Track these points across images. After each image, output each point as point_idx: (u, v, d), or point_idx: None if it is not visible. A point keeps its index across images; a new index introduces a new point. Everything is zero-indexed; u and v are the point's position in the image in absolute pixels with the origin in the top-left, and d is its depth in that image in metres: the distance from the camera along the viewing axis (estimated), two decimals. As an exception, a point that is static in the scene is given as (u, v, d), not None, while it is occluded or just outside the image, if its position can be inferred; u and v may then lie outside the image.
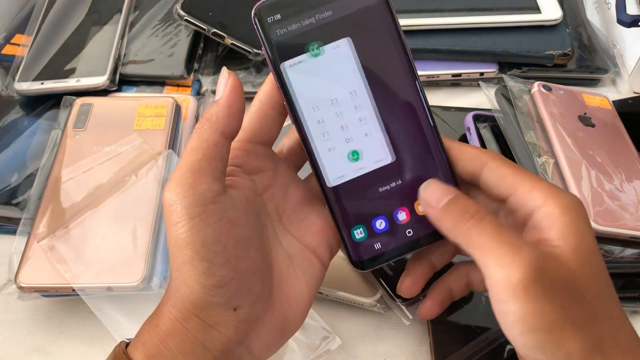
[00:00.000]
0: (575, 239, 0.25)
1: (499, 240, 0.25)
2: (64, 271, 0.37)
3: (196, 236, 0.25)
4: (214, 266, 0.25)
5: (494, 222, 0.26)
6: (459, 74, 0.54)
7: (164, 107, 0.47)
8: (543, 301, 0.23)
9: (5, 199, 0.45)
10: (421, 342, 0.39)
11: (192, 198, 0.25)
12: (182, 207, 0.25)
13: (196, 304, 0.25)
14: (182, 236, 0.25)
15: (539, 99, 0.46)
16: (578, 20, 0.58)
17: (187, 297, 0.25)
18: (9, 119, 0.50)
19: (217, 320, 0.26)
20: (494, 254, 0.25)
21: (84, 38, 0.54)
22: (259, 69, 0.53)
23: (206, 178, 0.25)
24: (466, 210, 0.26)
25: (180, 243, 0.25)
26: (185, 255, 0.25)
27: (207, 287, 0.25)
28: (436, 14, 0.54)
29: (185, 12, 0.51)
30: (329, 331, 0.38)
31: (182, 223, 0.25)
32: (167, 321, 0.26)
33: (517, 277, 0.23)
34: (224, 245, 0.25)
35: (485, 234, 0.25)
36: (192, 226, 0.25)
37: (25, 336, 0.40)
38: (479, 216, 0.26)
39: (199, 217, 0.25)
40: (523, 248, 0.24)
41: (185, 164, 0.26)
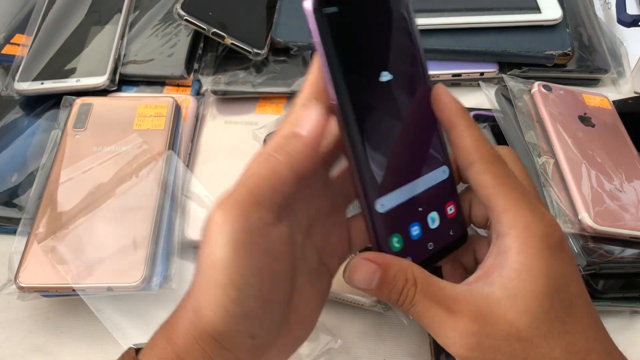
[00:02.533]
0: (519, 283, 0.25)
1: (430, 321, 0.25)
2: (64, 271, 0.37)
3: (236, 264, 0.23)
4: (245, 297, 0.24)
5: (424, 300, 0.25)
6: (459, 74, 0.54)
7: (164, 107, 0.47)
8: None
9: (5, 199, 0.45)
10: (421, 342, 0.39)
11: (244, 225, 0.23)
12: (230, 230, 0.23)
13: (217, 328, 0.24)
14: (222, 260, 0.23)
15: (539, 99, 0.46)
16: (578, 20, 0.58)
17: (208, 319, 0.24)
18: (9, 119, 0.50)
19: (234, 345, 0.25)
20: (434, 332, 0.25)
21: (83, 38, 0.54)
22: (259, 69, 0.53)
23: (262, 208, 0.24)
24: (398, 289, 0.26)
25: (217, 265, 0.23)
26: (218, 279, 0.24)
27: (232, 316, 0.24)
28: (436, 14, 0.54)
29: (185, 12, 0.51)
30: (330, 332, 0.38)
31: (226, 247, 0.23)
32: (184, 337, 0.25)
33: (456, 353, 0.25)
34: (261, 279, 0.24)
35: (421, 313, 0.25)
36: (236, 254, 0.23)
37: (25, 336, 0.39)
38: (408, 297, 0.25)
39: (245, 247, 0.24)
40: (456, 323, 0.25)
41: (246, 188, 0.24)
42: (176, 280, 0.39)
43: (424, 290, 0.25)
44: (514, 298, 0.24)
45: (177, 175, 0.43)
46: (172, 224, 0.41)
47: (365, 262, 0.26)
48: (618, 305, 0.40)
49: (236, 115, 0.52)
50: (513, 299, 0.24)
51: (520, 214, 0.25)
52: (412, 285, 0.25)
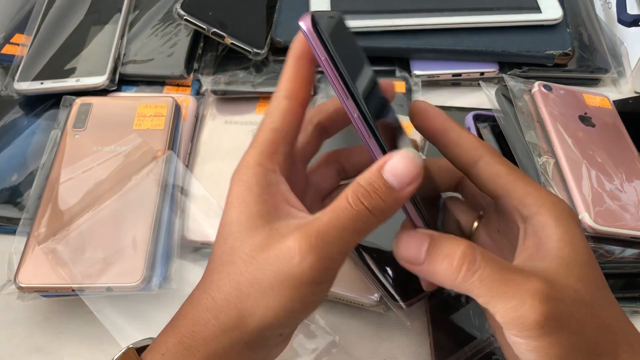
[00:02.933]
0: (570, 253, 0.25)
1: (502, 283, 0.23)
2: (64, 272, 0.37)
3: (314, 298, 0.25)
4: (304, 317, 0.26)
5: (490, 262, 0.24)
6: (459, 74, 0.54)
7: (163, 106, 0.47)
8: (559, 332, 0.23)
9: (4, 199, 0.45)
10: (421, 342, 0.39)
11: (331, 273, 0.25)
12: (317, 275, 0.24)
13: (259, 332, 0.25)
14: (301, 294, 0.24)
15: (540, 98, 0.46)
16: (579, 20, 0.58)
17: (253, 324, 0.24)
18: (9, 118, 0.50)
19: (261, 346, 0.25)
20: (501, 299, 0.23)
21: (83, 38, 0.54)
22: (258, 69, 0.53)
23: (349, 251, 0.26)
24: (452, 257, 0.24)
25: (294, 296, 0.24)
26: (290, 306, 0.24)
27: (283, 327, 0.25)
28: (436, 14, 0.54)
29: (185, 12, 0.51)
30: (330, 332, 0.38)
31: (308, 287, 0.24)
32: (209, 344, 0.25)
33: (532, 319, 0.23)
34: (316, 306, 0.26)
35: (485, 278, 0.23)
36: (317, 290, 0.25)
37: (25, 336, 0.39)
38: (469, 261, 0.24)
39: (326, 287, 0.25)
40: (529, 284, 0.23)
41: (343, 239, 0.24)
42: (176, 280, 0.39)
43: (488, 257, 0.24)
44: (568, 267, 0.24)
45: (176, 176, 0.43)
46: (172, 224, 0.41)
47: (413, 232, 0.26)
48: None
49: (236, 115, 0.52)
50: (568, 268, 0.24)
51: (544, 193, 0.26)
52: (472, 250, 0.24)
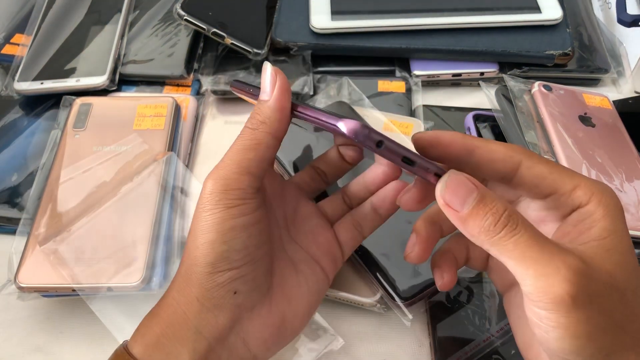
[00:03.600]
0: (613, 240, 0.25)
1: (539, 249, 0.23)
2: (65, 272, 0.37)
3: (227, 222, 0.26)
4: (231, 250, 0.27)
5: (529, 229, 0.23)
6: (459, 74, 0.54)
7: (163, 107, 0.47)
8: (589, 309, 0.23)
9: (5, 199, 0.45)
10: (421, 342, 0.39)
11: (234, 193, 0.27)
12: (221, 197, 0.26)
13: (202, 283, 0.27)
14: (211, 220, 0.26)
15: (539, 98, 0.46)
16: (578, 20, 0.58)
17: (194, 277, 0.27)
18: (9, 119, 0.50)
19: (215, 302, 0.27)
20: (534, 264, 0.23)
21: (83, 38, 0.54)
22: (259, 69, 0.53)
23: (251, 177, 0.27)
24: (495, 214, 0.23)
25: (207, 226, 0.26)
26: (208, 237, 0.26)
27: (217, 267, 0.27)
28: (436, 14, 0.54)
29: (185, 12, 0.51)
30: (331, 332, 0.38)
31: (218, 209, 0.26)
32: (168, 308, 0.28)
33: (562, 287, 0.22)
34: (249, 234, 0.27)
35: (522, 243, 0.23)
36: (227, 213, 0.26)
37: (25, 336, 0.39)
38: (512, 224, 0.23)
39: (237, 208, 0.27)
40: (566, 257, 0.23)
41: (234, 160, 0.27)
42: (176, 280, 0.39)
43: (526, 223, 0.24)
44: (609, 252, 0.24)
45: (177, 176, 0.43)
46: (172, 224, 0.41)
47: (463, 179, 0.24)
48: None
49: (236, 115, 0.52)
50: (609, 253, 0.24)
51: (593, 184, 0.26)
52: (516, 213, 0.24)
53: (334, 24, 0.53)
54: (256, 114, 0.27)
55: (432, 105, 0.52)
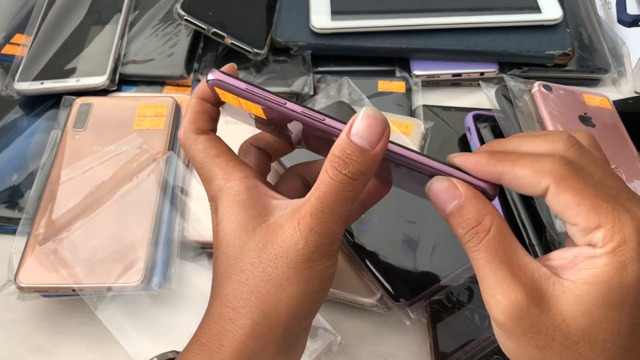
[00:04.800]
0: (593, 291, 0.23)
1: (490, 271, 0.24)
2: (65, 272, 0.37)
3: (327, 271, 0.26)
4: (324, 296, 0.27)
5: (491, 247, 0.24)
6: (459, 74, 0.54)
7: (163, 107, 0.47)
8: (519, 340, 0.24)
9: (5, 199, 0.45)
10: (421, 342, 0.39)
11: (336, 245, 0.26)
12: (325, 250, 0.25)
13: (288, 330, 0.26)
14: (316, 272, 0.25)
15: (540, 98, 0.46)
16: (578, 20, 0.58)
17: (281, 325, 0.25)
18: (9, 119, 0.50)
19: (291, 344, 0.26)
20: (484, 284, 0.24)
21: (83, 38, 0.54)
22: (259, 69, 0.53)
23: (346, 220, 0.26)
24: (466, 226, 0.25)
25: (309, 276, 0.25)
26: (310, 288, 0.25)
27: (310, 314, 0.27)
28: (436, 14, 0.54)
29: (185, 12, 0.51)
30: (331, 332, 0.38)
31: (319, 262, 0.25)
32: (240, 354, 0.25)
33: (495, 315, 0.24)
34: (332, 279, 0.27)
35: (480, 259, 0.24)
36: (328, 263, 0.26)
37: (25, 336, 0.39)
38: (477, 237, 0.24)
39: (334, 258, 0.26)
40: (511, 285, 0.23)
41: (337, 213, 0.25)
42: (176, 280, 0.39)
43: (495, 240, 0.24)
44: (579, 299, 0.23)
45: (177, 176, 0.43)
46: (172, 224, 0.41)
47: (452, 186, 0.25)
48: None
49: (236, 115, 0.52)
50: (578, 299, 0.23)
51: (618, 229, 0.23)
52: (486, 229, 0.24)
53: (334, 24, 0.53)
54: (357, 162, 0.24)
55: (432, 105, 0.52)
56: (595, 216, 0.23)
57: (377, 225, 0.40)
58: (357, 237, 0.40)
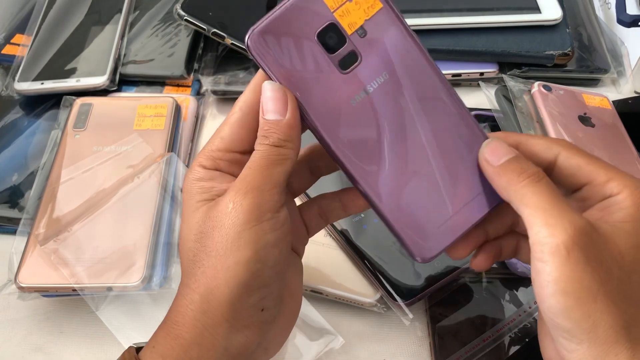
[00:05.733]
0: (634, 226, 0.25)
1: (551, 202, 0.25)
2: (66, 272, 0.37)
3: (262, 239, 0.25)
4: (265, 268, 0.26)
5: (551, 185, 0.26)
6: (459, 74, 0.54)
7: (163, 107, 0.47)
8: (582, 267, 0.23)
9: (5, 199, 0.45)
10: (421, 342, 0.39)
11: (268, 206, 0.26)
12: (255, 212, 0.25)
13: (233, 305, 0.25)
14: (247, 237, 0.25)
15: (539, 99, 0.46)
16: (578, 20, 0.58)
17: (223, 298, 0.25)
18: (9, 119, 0.50)
19: (245, 323, 0.26)
20: (543, 213, 0.24)
21: (84, 38, 0.54)
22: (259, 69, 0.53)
23: (280, 190, 0.26)
24: (524, 169, 0.26)
25: (240, 244, 0.25)
26: (242, 256, 0.25)
27: (250, 287, 0.25)
28: (436, 14, 0.54)
29: (185, 12, 0.51)
30: (332, 332, 0.38)
31: (252, 225, 0.25)
32: (193, 329, 0.26)
33: (561, 238, 0.23)
34: (280, 250, 0.26)
35: (539, 194, 0.25)
36: (261, 229, 0.25)
37: (25, 336, 0.39)
38: (536, 177, 0.26)
39: (269, 222, 0.26)
40: (575, 214, 0.24)
41: (265, 174, 0.26)
42: (176, 280, 0.39)
43: (550, 182, 0.26)
44: (627, 234, 0.25)
45: (177, 176, 0.43)
46: (172, 224, 0.41)
47: (504, 145, 0.27)
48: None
49: (236, 115, 0.52)
50: (626, 234, 0.25)
51: (628, 179, 0.26)
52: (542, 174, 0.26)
53: (334, 24, 0.53)
54: (275, 133, 0.26)
55: (432, 106, 0.52)
56: (605, 172, 0.26)
57: (377, 225, 0.40)
58: (357, 237, 0.40)
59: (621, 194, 0.26)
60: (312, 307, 0.38)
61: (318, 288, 0.39)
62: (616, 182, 0.26)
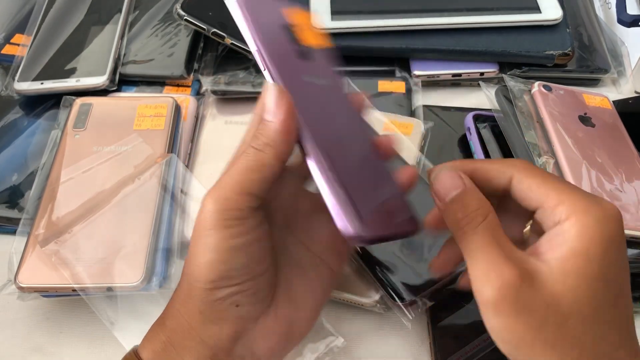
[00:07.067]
0: (575, 264, 0.24)
1: (485, 252, 0.25)
2: (66, 272, 0.37)
3: (226, 242, 0.26)
4: (231, 270, 0.27)
5: (487, 230, 0.25)
6: (459, 74, 0.54)
7: (163, 107, 0.47)
8: (513, 320, 0.24)
9: (5, 199, 0.45)
10: (421, 342, 0.39)
11: (233, 213, 0.26)
12: (219, 218, 0.26)
13: (203, 298, 0.27)
14: (211, 240, 0.26)
15: (539, 99, 0.46)
16: (578, 20, 0.58)
17: (195, 292, 0.27)
18: (9, 119, 0.50)
19: (218, 315, 0.27)
20: (476, 264, 0.25)
21: (83, 38, 0.54)
22: (259, 69, 0.53)
23: (252, 197, 0.26)
24: (466, 210, 0.26)
25: (206, 246, 0.26)
26: (207, 257, 0.26)
27: (217, 284, 0.27)
28: (436, 14, 0.54)
29: (185, 12, 0.51)
30: (334, 333, 0.38)
31: (216, 230, 0.26)
32: (173, 318, 0.28)
33: (490, 293, 0.24)
34: (248, 253, 0.27)
35: (475, 242, 0.25)
36: (226, 233, 0.26)
37: (25, 336, 0.39)
38: (476, 220, 0.25)
39: (235, 228, 0.26)
40: (506, 265, 0.24)
41: (236, 180, 0.26)
42: (176, 280, 0.39)
43: (491, 226, 0.25)
44: (565, 275, 0.24)
45: (177, 176, 0.43)
46: (172, 224, 0.41)
47: (455, 176, 0.27)
48: (618, 306, 0.40)
49: (236, 115, 0.52)
50: (564, 276, 0.24)
51: (578, 201, 0.25)
52: (484, 214, 0.26)
53: (334, 24, 0.53)
54: (260, 134, 0.26)
55: (432, 106, 0.52)
56: (555, 195, 0.25)
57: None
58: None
59: (568, 221, 0.25)
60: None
61: (318, 288, 0.39)
62: (565, 207, 0.25)
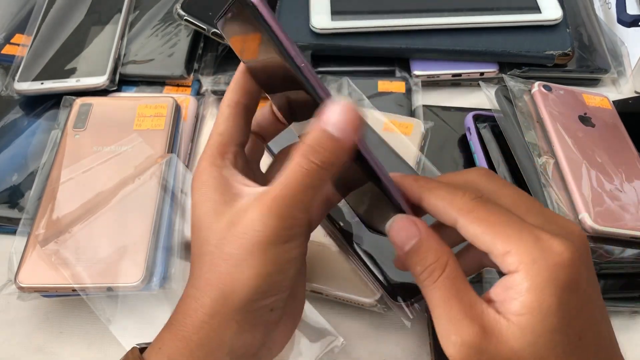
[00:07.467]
0: (530, 320, 0.23)
1: (444, 308, 0.24)
2: (66, 272, 0.37)
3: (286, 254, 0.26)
4: (285, 280, 0.26)
5: (446, 284, 0.25)
6: (459, 74, 0.54)
7: (163, 107, 0.47)
8: None
9: (5, 199, 0.45)
10: (421, 342, 0.39)
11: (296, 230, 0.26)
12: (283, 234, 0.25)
13: (246, 307, 0.26)
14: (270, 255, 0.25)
15: (539, 99, 0.46)
16: (578, 20, 0.58)
17: (237, 301, 0.25)
18: (9, 119, 0.50)
19: (254, 323, 0.26)
20: (437, 321, 0.25)
21: (83, 38, 0.54)
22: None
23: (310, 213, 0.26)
24: (424, 264, 0.25)
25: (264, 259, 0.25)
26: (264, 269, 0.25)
27: (266, 294, 0.26)
28: (436, 14, 0.54)
29: (185, 12, 0.51)
30: (334, 333, 0.38)
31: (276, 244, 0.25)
32: (200, 331, 0.26)
33: (450, 352, 0.24)
34: (298, 264, 0.27)
35: (435, 298, 0.25)
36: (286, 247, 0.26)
37: (25, 336, 0.39)
38: (433, 276, 0.25)
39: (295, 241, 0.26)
40: (464, 323, 0.24)
41: (302, 200, 0.25)
42: (176, 280, 0.39)
43: (450, 278, 0.25)
44: (522, 331, 0.23)
45: (177, 176, 0.43)
46: (172, 224, 0.41)
47: (411, 224, 0.26)
48: (618, 306, 0.40)
49: (236, 115, 0.52)
50: (522, 331, 0.23)
51: (526, 249, 0.24)
52: (442, 267, 0.25)
53: (334, 24, 0.53)
54: (327, 151, 0.24)
55: (432, 106, 0.52)
56: (502, 242, 0.24)
57: (377, 225, 0.40)
58: (356, 237, 0.40)
59: (518, 274, 0.24)
60: (313, 307, 0.38)
61: (318, 288, 0.39)
62: (513, 257, 0.24)
